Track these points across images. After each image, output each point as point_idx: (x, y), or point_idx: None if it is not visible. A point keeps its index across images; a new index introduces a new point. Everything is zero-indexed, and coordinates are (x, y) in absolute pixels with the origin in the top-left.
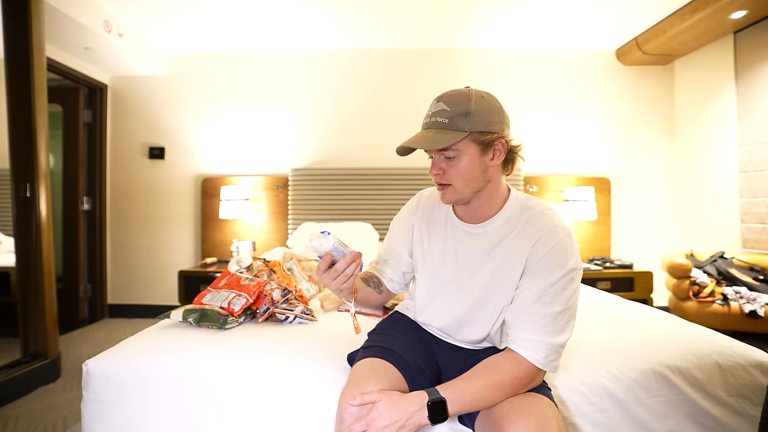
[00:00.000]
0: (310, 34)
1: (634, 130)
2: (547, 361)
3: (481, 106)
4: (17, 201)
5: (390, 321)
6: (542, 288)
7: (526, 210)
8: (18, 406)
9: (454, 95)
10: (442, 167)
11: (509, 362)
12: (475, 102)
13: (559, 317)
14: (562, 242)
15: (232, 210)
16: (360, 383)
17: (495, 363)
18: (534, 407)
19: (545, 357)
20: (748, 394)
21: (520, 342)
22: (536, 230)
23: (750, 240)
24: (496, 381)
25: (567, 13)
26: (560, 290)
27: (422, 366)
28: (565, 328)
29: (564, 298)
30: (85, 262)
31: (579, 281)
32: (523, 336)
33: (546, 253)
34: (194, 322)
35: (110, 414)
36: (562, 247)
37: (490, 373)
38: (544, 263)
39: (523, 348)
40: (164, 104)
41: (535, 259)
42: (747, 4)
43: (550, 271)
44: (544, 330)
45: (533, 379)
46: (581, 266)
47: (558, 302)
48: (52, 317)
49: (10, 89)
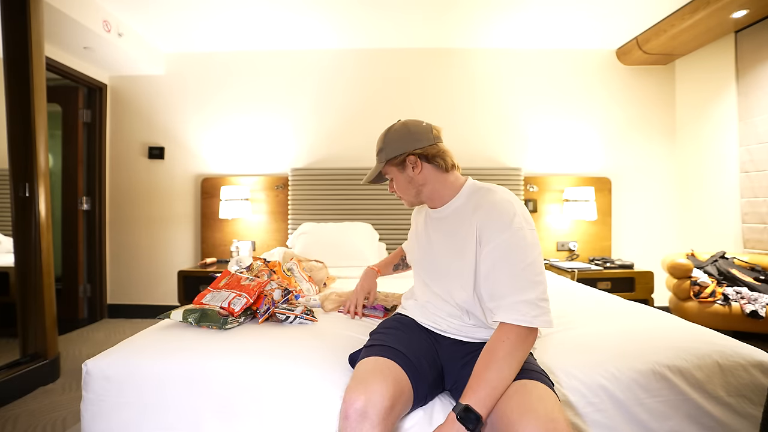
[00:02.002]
0: (311, 34)
1: (634, 130)
2: (531, 317)
3: (390, 137)
4: (16, 201)
5: (392, 321)
6: (498, 251)
7: (477, 191)
8: (17, 407)
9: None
10: (391, 187)
11: (499, 336)
12: (387, 137)
13: (523, 273)
14: (502, 208)
15: (232, 210)
16: (364, 381)
17: (490, 347)
18: (541, 404)
19: (526, 314)
20: (749, 394)
21: (499, 310)
22: (482, 205)
23: (751, 240)
24: (497, 359)
25: (567, 13)
26: (514, 248)
27: (425, 364)
28: (534, 282)
29: (521, 255)
30: (84, 262)
31: (532, 238)
32: (499, 303)
33: (489, 220)
34: (194, 322)
35: (110, 414)
36: (503, 211)
37: (489, 356)
38: (491, 228)
39: (504, 315)
40: (164, 104)
41: (483, 228)
42: (748, 4)
43: (498, 233)
44: (513, 289)
45: (527, 338)
46: (530, 225)
47: (517, 260)
48: (52, 317)
49: (9, 89)
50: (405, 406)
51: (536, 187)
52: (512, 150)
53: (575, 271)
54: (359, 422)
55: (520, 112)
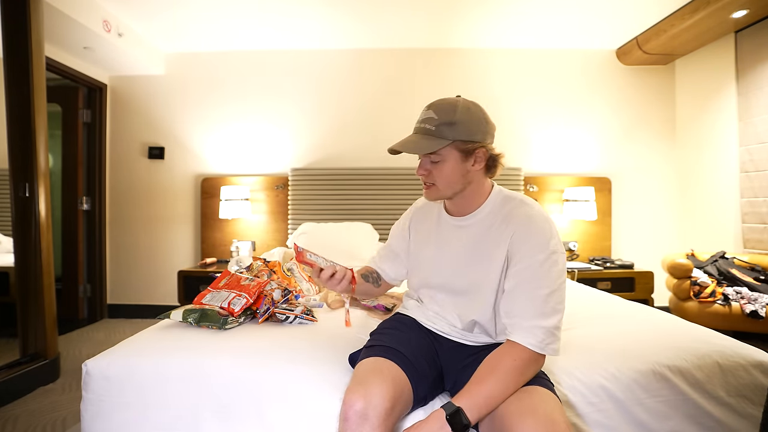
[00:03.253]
0: (311, 33)
1: (634, 130)
2: (544, 345)
3: (466, 116)
4: (16, 201)
5: (392, 321)
6: (529, 272)
7: (508, 202)
8: (17, 407)
9: (443, 105)
10: (428, 168)
11: (509, 353)
12: (461, 112)
13: (549, 299)
14: (540, 226)
15: (232, 210)
16: (364, 382)
17: (496, 358)
18: (541, 405)
19: (541, 341)
20: (749, 395)
21: (515, 330)
22: (516, 218)
23: (751, 240)
24: (502, 374)
25: (567, 13)
26: (546, 272)
27: (424, 365)
28: (556, 310)
29: (550, 280)
30: (84, 262)
31: (563, 264)
32: (517, 323)
33: (526, 237)
34: (194, 322)
35: (110, 414)
36: (541, 230)
37: (494, 369)
38: (526, 247)
39: (519, 336)
40: (164, 104)
41: (517, 245)
42: (748, 4)
43: (532, 254)
44: (535, 313)
45: (535, 362)
46: (563, 250)
47: (545, 284)
48: (52, 317)
49: (9, 89)
50: (405, 406)
51: (536, 187)
52: (512, 150)
53: (575, 271)
54: (359, 424)
55: (520, 112)
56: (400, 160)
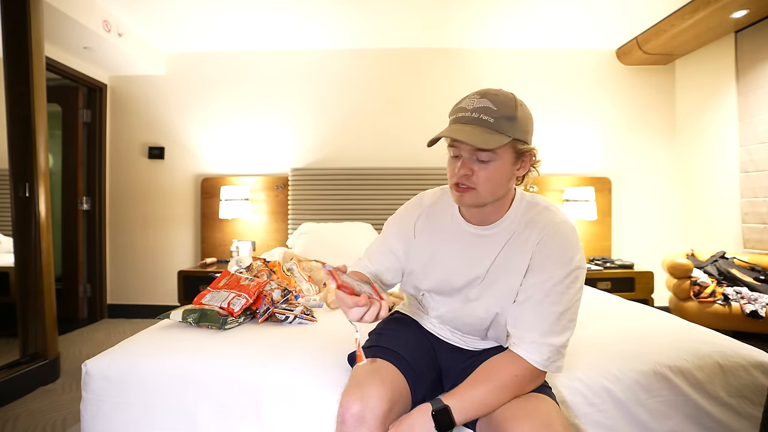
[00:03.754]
0: (311, 33)
1: (634, 130)
2: (549, 362)
3: (524, 113)
4: (16, 201)
5: (391, 321)
6: (548, 286)
7: (531, 208)
8: (17, 407)
9: (500, 96)
10: (473, 168)
11: (510, 364)
12: (520, 108)
13: (562, 317)
14: (567, 238)
15: (232, 210)
16: (361, 384)
17: (496, 366)
18: (538, 409)
19: (547, 359)
20: (749, 395)
21: (522, 344)
22: (542, 227)
23: (751, 240)
24: (499, 384)
25: (568, 13)
26: (565, 289)
27: (423, 366)
28: (567, 328)
29: (568, 297)
30: (84, 262)
31: (583, 280)
32: (525, 337)
33: (552, 249)
34: (194, 323)
35: (110, 414)
36: (568, 243)
37: (492, 377)
38: (550, 260)
39: (525, 350)
40: (164, 104)
41: (541, 256)
42: (748, 4)
43: (555, 269)
44: (546, 330)
45: (536, 378)
46: (585, 265)
47: (562, 301)
48: (51, 317)
49: (9, 89)
50: (403, 408)
51: (536, 187)
52: None
53: None
54: (356, 427)
55: None
56: (400, 160)
